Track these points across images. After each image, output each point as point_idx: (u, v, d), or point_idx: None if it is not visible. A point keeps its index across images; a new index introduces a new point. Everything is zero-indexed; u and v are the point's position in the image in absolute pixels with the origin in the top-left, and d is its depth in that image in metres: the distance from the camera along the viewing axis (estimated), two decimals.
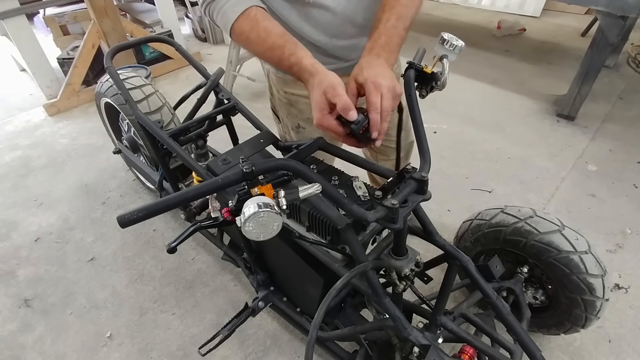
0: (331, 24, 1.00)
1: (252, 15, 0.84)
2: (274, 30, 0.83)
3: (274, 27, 0.83)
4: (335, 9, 0.96)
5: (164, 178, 1.68)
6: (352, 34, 1.04)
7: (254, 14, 0.84)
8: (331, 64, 1.11)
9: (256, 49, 0.86)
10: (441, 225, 1.95)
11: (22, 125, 3.02)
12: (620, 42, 3.21)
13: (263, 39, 0.83)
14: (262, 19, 0.84)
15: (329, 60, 1.09)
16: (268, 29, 0.83)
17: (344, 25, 1.01)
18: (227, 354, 1.48)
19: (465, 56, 3.30)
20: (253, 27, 0.84)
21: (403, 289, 0.90)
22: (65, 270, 1.85)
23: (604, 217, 1.97)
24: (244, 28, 0.85)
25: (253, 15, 0.84)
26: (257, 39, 0.84)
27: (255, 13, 0.84)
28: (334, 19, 0.98)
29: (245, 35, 0.85)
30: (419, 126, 0.82)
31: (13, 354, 1.54)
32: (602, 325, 1.51)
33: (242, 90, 3.28)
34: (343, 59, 1.10)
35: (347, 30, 1.03)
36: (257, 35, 0.84)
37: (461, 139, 2.59)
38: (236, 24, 0.85)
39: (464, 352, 0.98)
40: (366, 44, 0.85)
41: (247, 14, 0.84)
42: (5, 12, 2.83)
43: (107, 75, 1.80)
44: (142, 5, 4.20)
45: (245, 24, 0.84)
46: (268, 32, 0.83)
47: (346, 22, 1.00)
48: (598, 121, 2.68)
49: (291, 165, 0.69)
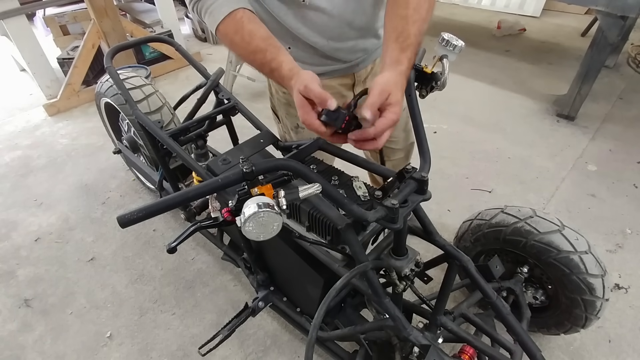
0: (328, 27, 0.98)
1: (238, 18, 0.82)
2: (258, 33, 0.82)
3: (259, 31, 0.82)
4: (332, 12, 0.95)
5: (164, 178, 1.68)
6: (350, 36, 1.03)
7: (240, 16, 0.82)
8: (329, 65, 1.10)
9: (240, 51, 0.85)
10: (441, 225, 1.95)
11: (22, 125, 3.02)
12: (620, 42, 3.21)
13: (247, 42, 0.82)
14: (247, 21, 0.82)
15: (327, 62, 1.08)
16: (252, 32, 0.82)
17: (341, 28, 0.99)
18: (227, 354, 1.48)
19: (465, 56, 3.31)
20: (238, 29, 0.82)
21: (403, 289, 0.90)
22: (65, 270, 1.85)
23: (604, 217, 1.97)
24: (229, 30, 0.83)
25: (239, 18, 0.82)
26: (241, 41, 0.83)
27: (242, 15, 0.82)
28: (330, 22, 0.97)
29: (230, 37, 0.84)
30: (419, 126, 0.82)
31: (13, 354, 1.54)
32: (602, 325, 1.51)
33: (242, 90, 3.28)
34: (341, 61, 1.09)
35: (344, 33, 1.01)
36: (241, 38, 0.82)
37: (461, 139, 2.59)
38: (222, 25, 0.84)
39: (464, 352, 0.98)
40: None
41: (233, 15, 0.82)
42: (5, 12, 2.84)
43: (107, 75, 1.80)
44: (142, 5, 4.20)
45: (231, 26, 0.83)
46: (252, 36, 0.81)
47: (343, 25, 0.99)
48: (598, 121, 2.68)
49: (291, 165, 0.69)
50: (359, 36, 1.04)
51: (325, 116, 0.70)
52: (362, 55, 1.11)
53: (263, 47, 0.80)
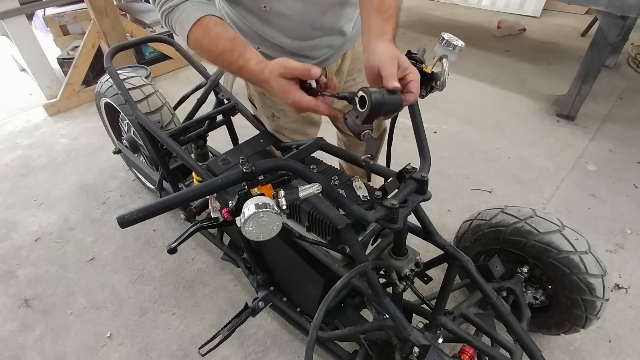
0: (291, 28, 1.02)
1: (205, 24, 0.84)
2: (224, 35, 0.83)
3: (225, 33, 0.83)
4: (293, 16, 0.98)
5: (164, 178, 1.68)
6: (314, 35, 1.07)
7: (206, 22, 0.84)
8: None
9: (209, 56, 0.86)
10: (441, 225, 1.95)
11: (22, 125, 3.02)
12: (620, 42, 3.21)
13: (214, 44, 0.83)
14: (213, 25, 0.84)
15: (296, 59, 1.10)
16: (219, 35, 0.83)
17: (303, 29, 1.03)
18: (227, 354, 1.48)
19: (465, 56, 3.31)
20: (205, 34, 0.84)
21: (403, 289, 0.90)
22: (65, 270, 1.85)
23: (604, 217, 1.97)
24: (198, 36, 0.85)
25: (205, 23, 0.84)
26: (209, 45, 0.84)
27: (208, 21, 0.84)
28: (292, 24, 1.00)
29: (199, 43, 0.85)
30: (419, 126, 0.82)
31: (13, 354, 1.54)
32: (602, 325, 1.51)
33: (242, 90, 3.25)
34: (310, 57, 1.12)
35: (308, 33, 1.05)
36: (208, 41, 0.84)
37: (461, 139, 2.59)
38: (190, 33, 0.85)
39: (464, 352, 0.98)
40: None
41: (200, 22, 0.84)
42: (5, 12, 2.83)
43: (107, 75, 1.80)
44: (142, 5, 4.19)
45: (199, 32, 0.84)
46: (219, 38, 0.83)
47: (305, 26, 1.02)
48: (598, 121, 2.68)
49: (291, 165, 0.69)
50: (323, 35, 1.07)
51: None
52: (329, 52, 1.14)
53: (230, 48, 0.81)
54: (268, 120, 1.30)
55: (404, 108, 0.70)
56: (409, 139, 2.28)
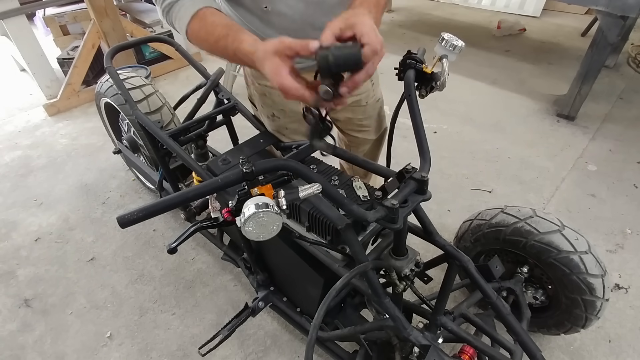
0: (291, 28, 1.02)
1: (201, 15, 0.86)
2: (220, 22, 0.84)
3: (220, 21, 0.85)
4: (293, 16, 0.99)
5: (164, 178, 1.68)
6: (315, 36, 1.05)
7: (202, 13, 0.86)
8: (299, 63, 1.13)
9: (207, 45, 0.87)
10: (441, 225, 1.95)
11: (22, 125, 3.02)
12: (620, 42, 3.21)
13: (210, 33, 0.85)
14: (209, 15, 0.86)
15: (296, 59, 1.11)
16: (214, 23, 0.85)
17: (304, 29, 1.03)
18: (227, 354, 1.48)
19: (465, 56, 3.31)
20: (202, 25, 0.86)
21: (403, 289, 0.90)
22: (65, 270, 1.85)
23: (604, 217, 1.97)
24: (195, 28, 0.87)
25: (202, 15, 0.86)
26: (206, 34, 0.86)
27: (204, 12, 0.86)
28: (293, 24, 1.01)
29: (196, 34, 0.87)
30: (419, 126, 0.82)
31: (13, 354, 1.54)
32: (602, 325, 1.51)
33: (242, 90, 3.26)
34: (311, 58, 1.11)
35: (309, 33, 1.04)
36: (205, 31, 0.86)
37: (461, 139, 2.59)
38: (189, 26, 0.87)
39: (464, 352, 0.98)
40: None
41: (197, 14, 0.86)
42: (5, 12, 2.83)
43: (107, 75, 1.80)
44: (142, 5, 4.20)
45: (196, 24, 0.86)
46: (214, 26, 0.84)
47: (306, 26, 1.02)
48: (598, 121, 2.68)
49: (291, 165, 0.69)
50: None
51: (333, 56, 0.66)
52: None
53: (224, 33, 0.82)
54: (268, 120, 1.30)
55: (368, 62, 0.67)
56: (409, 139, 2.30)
